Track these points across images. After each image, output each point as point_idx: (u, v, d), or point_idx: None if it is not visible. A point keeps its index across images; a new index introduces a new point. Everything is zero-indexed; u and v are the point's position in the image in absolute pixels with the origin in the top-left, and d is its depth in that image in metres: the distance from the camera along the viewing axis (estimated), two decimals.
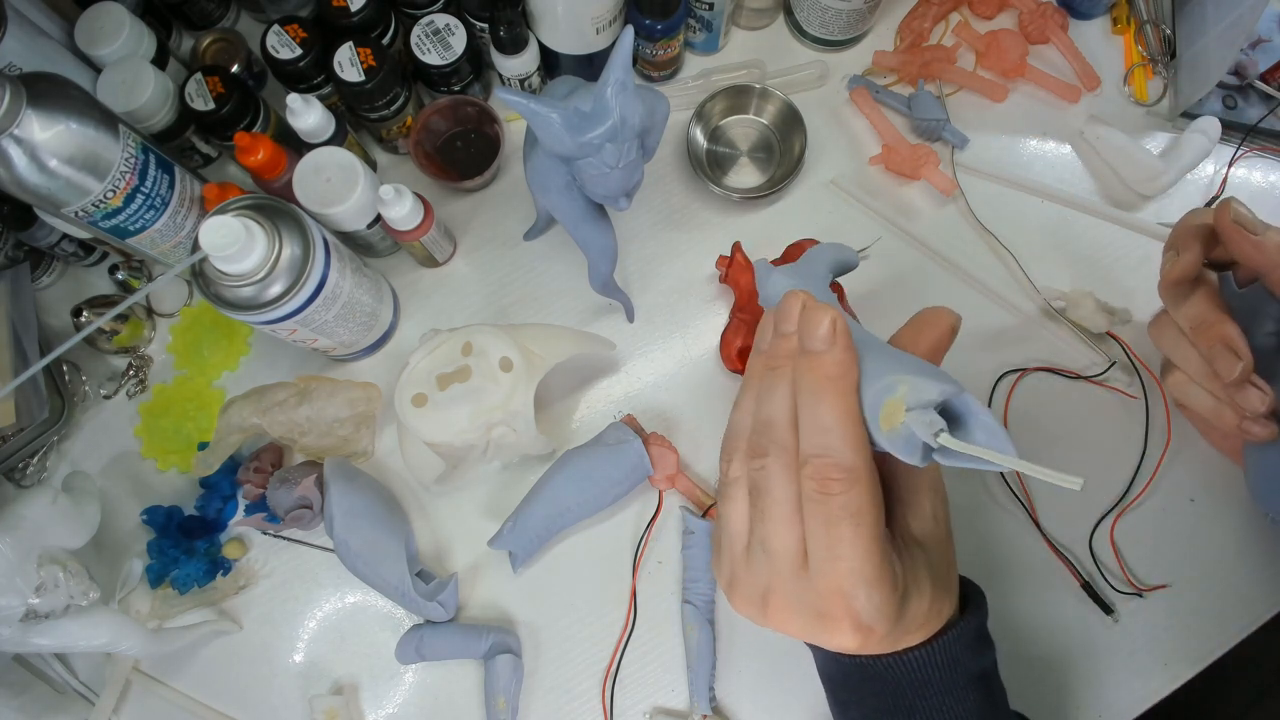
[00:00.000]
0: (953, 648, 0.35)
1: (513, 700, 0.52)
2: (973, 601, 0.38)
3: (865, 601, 0.31)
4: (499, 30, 0.56)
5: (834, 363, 0.30)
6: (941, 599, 0.35)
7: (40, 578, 0.46)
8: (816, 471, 0.30)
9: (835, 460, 0.30)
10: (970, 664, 0.36)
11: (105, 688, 0.54)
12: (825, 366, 0.30)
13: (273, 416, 0.56)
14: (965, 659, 0.36)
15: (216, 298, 0.46)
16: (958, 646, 0.35)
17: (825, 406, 0.30)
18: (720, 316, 0.60)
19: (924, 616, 0.34)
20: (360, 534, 0.52)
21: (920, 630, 0.35)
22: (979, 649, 0.37)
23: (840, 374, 0.30)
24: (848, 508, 0.30)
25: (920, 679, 0.35)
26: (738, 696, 0.53)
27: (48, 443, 0.59)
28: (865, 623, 0.31)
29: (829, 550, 0.30)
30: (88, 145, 0.45)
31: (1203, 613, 0.53)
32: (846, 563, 0.30)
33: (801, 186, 0.63)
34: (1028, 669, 0.52)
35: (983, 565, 0.54)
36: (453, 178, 0.61)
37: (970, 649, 0.36)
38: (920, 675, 0.35)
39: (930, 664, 0.35)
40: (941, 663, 0.35)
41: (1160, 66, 0.65)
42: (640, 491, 0.56)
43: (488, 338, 0.50)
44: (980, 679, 0.37)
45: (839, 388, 0.30)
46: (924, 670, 0.35)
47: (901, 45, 0.67)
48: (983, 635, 0.38)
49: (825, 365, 0.30)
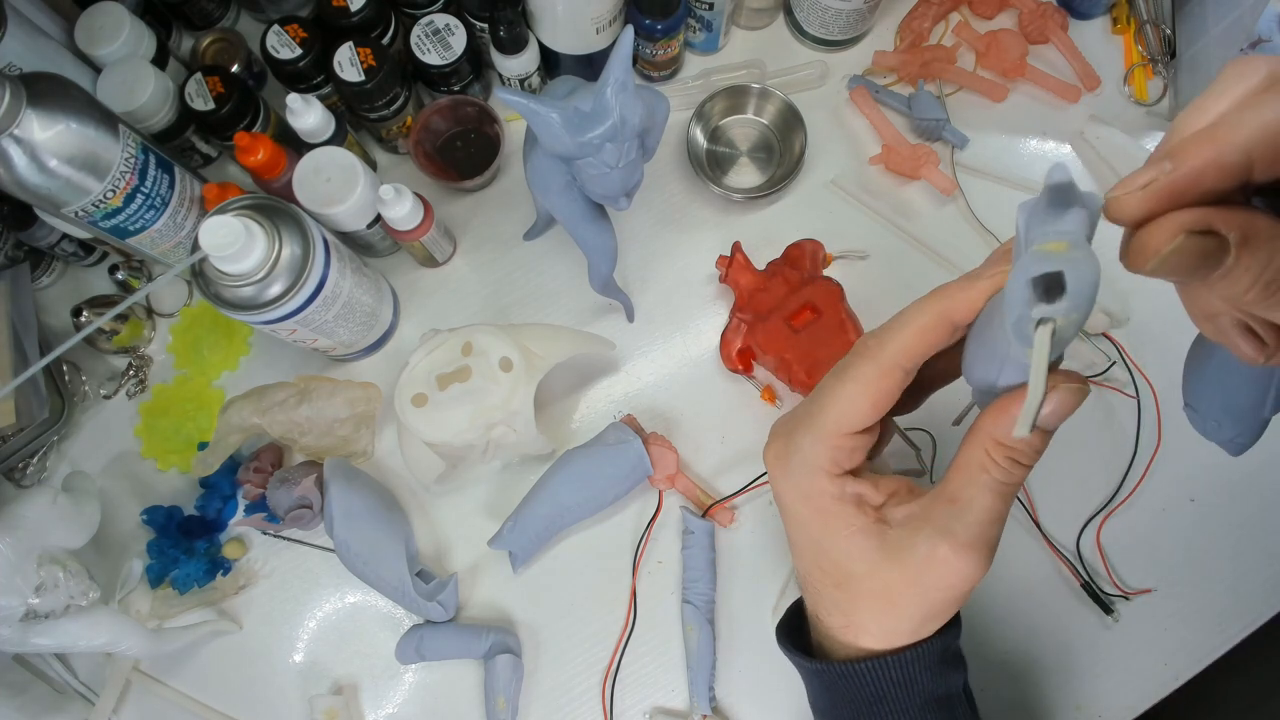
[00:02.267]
0: (910, 667, 0.33)
1: (513, 700, 0.52)
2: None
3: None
4: (499, 30, 0.56)
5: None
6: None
7: (40, 578, 0.46)
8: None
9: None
10: (930, 685, 0.34)
11: (105, 688, 0.54)
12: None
13: (273, 416, 0.56)
14: (924, 680, 0.34)
15: (216, 298, 0.46)
16: (916, 666, 0.33)
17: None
18: (720, 316, 0.60)
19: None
20: (360, 534, 0.52)
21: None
22: (942, 671, 0.35)
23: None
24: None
25: (874, 694, 0.34)
26: (738, 696, 0.53)
27: (48, 443, 0.59)
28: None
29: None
30: (88, 145, 0.45)
31: (1203, 613, 0.53)
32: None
33: (801, 186, 0.63)
34: (1027, 669, 0.52)
35: None
36: (453, 178, 0.61)
37: (931, 671, 0.34)
38: (874, 690, 0.34)
39: (886, 679, 0.33)
40: (897, 680, 0.33)
41: (1160, 66, 0.65)
42: (640, 491, 0.56)
43: (488, 338, 0.50)
44: (940, 703, 0.35)
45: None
46: (878, 685, 0.34)
47: (901, 45, 0.67)
48: (949, 658, 0.35)
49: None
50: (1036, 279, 0.23)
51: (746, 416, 0.58)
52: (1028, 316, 0.23)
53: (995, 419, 0.28)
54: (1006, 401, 0.28)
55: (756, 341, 0.55)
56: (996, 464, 0.28)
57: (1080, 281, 0.23)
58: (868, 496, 0.33)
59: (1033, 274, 0.23)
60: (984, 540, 0.30)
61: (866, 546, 0.32)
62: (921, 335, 0.30)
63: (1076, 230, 0.24)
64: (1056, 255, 0.23)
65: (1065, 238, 0.23)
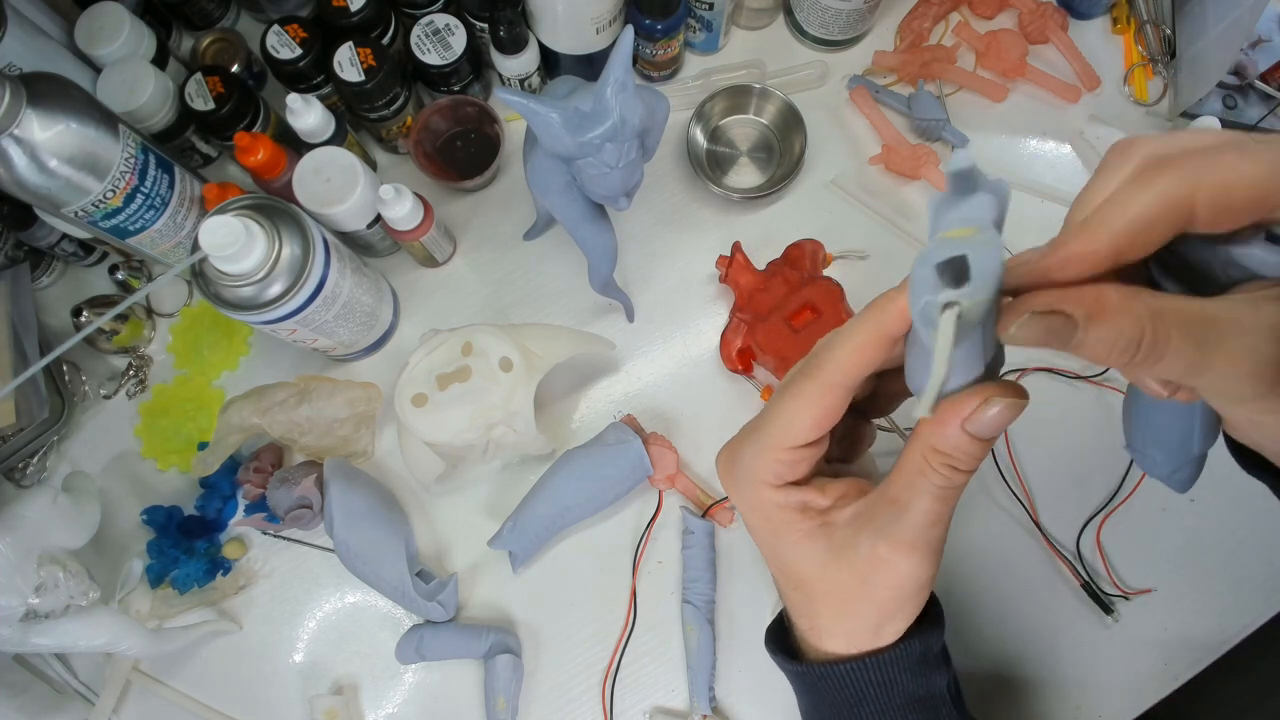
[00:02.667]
0: (889, 668, 0.33)
1: (513, 700, 0.52)
2: (927, 620, 0.35)
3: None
4: (499, 30, 0.56)
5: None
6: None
7: (40, 578, 0.46)
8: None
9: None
10: (911, 686, 0.34)
11: (105, 688, 0.54)
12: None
13: (273, 416, 0.56)
14: (904, 680, 0.34)
15: (216, 298, 0.46)
16: (895, 668, 0.34)
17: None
18: (720, 316, 0.60)
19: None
20: (360, 534, 0.52)
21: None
22: (923, 672, 0.35)
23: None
24: None
25: (854, 695, 0.34)
26: (738, 696, 0.53)
27: (48, 443, 0.59)
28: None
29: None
30: (88, 145, 0.45)
31: (1203, 613, 0.53)
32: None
33: (801, 186, 0.63)
34: (1028, 669, 0.52)
35: (981, 564, 0.54)
36: (453, 178, 0.61)
37: (911, 671, 0.34)
38: (854, 691, 0.34)
39: (865, 680, 0.34)
40: (877, 681, 0.34)
41: (1160, 66, 0.65)
42: (640, 491, 0.56)
43: (488, 338, 0.50)
44: (922, 703, 0.35)
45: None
46: (858, 686, 0.34)
47: (901, 45, 0.67)
48: (930, 659, 0.35)
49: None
50: (942, 265, 0.23)
51: (746, 416, 0.57)
52: (933, 302, 0.23)
53: (933, 427, 0.28)
54: (943, 410, 0.28)
55: (756, 341, 0.55)
56: (935, 470, 0.29)
57: (983, 264, 0.23)
58: (813, 502, 0.33)
59: (936, 260, 0.23)
60: (925, 541, 0.30)
61: (814, 549, 0.33)
62: (859, 351, 0.30)
63: (981, 215, 0.24)
64: (960, 240, 0.23)
65: (970, 223, 0.24)
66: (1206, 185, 0.22)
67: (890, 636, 0.33)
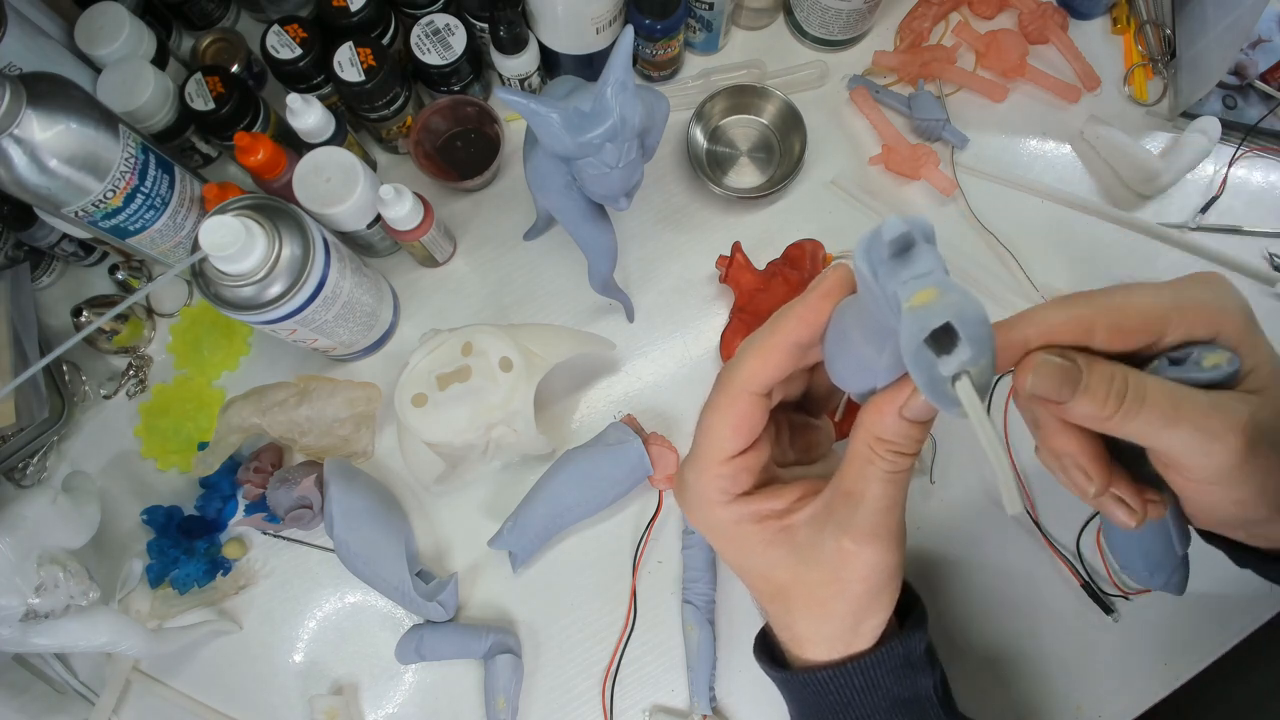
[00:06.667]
0: (872, 671, 0.34)
1: (513, 700, 0.52)
2: (910, 621, 0.35)
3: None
4: (499, 30, 0.56)
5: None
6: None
7: (40, 578, 0.46)
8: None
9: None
10: (896, 689, 0.34)
11: (105, 688, 0.54)
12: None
13: (273, 416, 0.56)
14: (888, 684, 0.34)
15: (216, 298, 0.46)
16: (879, 671, 0.34)
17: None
18: (720, 316, 0.60)
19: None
20: (360, 534, 0.52)
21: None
22: (908, 675, 0.34)
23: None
24: None
25: (840, 700, 0.34)
26: (738, 696, 0.53)
27: (48, 443, 0.59)
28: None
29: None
30: (88, 145, 0.45)
31: (1203, 613, 0.53)
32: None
33: (801, 186, 0.63)
34: (1028, 669, 0.52)
35: (981, 564, 0.54)
36: (453, 178, 0.61)
37: (895, 674, 0.34)
38: (839, 696, 0.34)
39: (849, 686, 0.34)
40: (861, 685, 0.34)
41: (1160, 66, 0.65)
42: (640, 491, 0.56)
43: (488, 338, 0.50)
44: (908, 706, 0.35)
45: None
46: (842, 692, 0.34)
47: (901, 45, 0.67)
48: (914, 661, 0.35)
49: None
50: (927, 339, 0.22)
51: None
52: (941, 378, 0.23)
53: (874, 417, 0.29)
54: (880, 400, 0.29)
55: None
56: (882, 457, 0.30)
57: (971, 323, 0.22)
58: (767, 509, 0.34)
59: (921, 336, 0.22)
60: (884, 528, 0.31)
61: (780, 554, 0.33)
62: (765, 360, 0.32)
63: (931, 265, 0.23)
64: (932, 306, 0.22)
65: (927, 281, 0.23)
66: (1104, 310, 0.28)
67: (870, 635, 0.34)
